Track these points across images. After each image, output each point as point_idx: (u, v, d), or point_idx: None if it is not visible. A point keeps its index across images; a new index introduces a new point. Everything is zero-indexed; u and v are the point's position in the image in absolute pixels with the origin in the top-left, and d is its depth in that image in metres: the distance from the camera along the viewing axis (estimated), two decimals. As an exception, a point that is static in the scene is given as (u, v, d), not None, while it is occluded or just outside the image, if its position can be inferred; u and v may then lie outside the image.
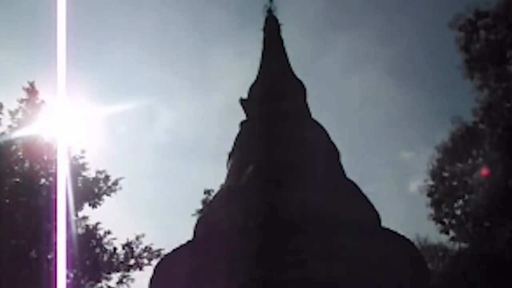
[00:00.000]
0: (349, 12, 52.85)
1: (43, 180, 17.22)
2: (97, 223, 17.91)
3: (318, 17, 51.46)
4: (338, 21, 52.34)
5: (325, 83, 50.20)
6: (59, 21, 11.25)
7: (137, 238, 18.05)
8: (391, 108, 53.22)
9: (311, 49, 49.40)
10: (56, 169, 17.05)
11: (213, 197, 20.14)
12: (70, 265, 15.68)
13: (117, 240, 18.00)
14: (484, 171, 18.80)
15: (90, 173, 18.13)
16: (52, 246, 16.40)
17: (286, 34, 21.73)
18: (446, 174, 20.47)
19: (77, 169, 17.69)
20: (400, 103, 53.93)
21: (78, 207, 17.48)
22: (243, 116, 19.44)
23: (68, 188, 15.72)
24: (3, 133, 17.23)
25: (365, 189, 16.63)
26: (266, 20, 21.97)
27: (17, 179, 16.89)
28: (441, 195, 20.25)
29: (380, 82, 53.75)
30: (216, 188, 22.36)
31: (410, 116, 54.08)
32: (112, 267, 17.66)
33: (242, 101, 19.52)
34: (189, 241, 15.49)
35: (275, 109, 18.35)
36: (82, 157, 18.00)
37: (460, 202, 20.10)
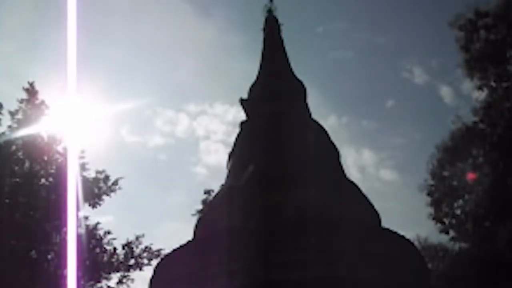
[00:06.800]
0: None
1: (43, 180, 17.21)
2: (97, 223, 17.93)
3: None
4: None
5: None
6: (69, 24, 11.24)
7: (137, 238, 18.05)
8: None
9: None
10: (56, 169, 17.08)
11: (213, 197, 20.14)
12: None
13: (117, 240, 18.02)
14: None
15: (90, 173, 18.15)
16: (52, 246, 16.43)
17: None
18: (446, 174, 20.45)
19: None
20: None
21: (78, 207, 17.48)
22: (243, 117, 19.44)
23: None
24: (3, 133, 17.22)
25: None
26: (266, 20, 21.95)
27: (17, 179, 16.88)
28: (441, 195, 20.23)
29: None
30: (216, 188, 22.38)
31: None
32: (112, 267, 17.66)
33: (242, 101, 19.51)
34: (189, 241, 15.49)
35: (275, 109, 18.33)
36: (82, 157, 18.01)
37: (460, 201, 20.08)
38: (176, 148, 55.00)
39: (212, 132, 60.03)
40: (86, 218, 17.89)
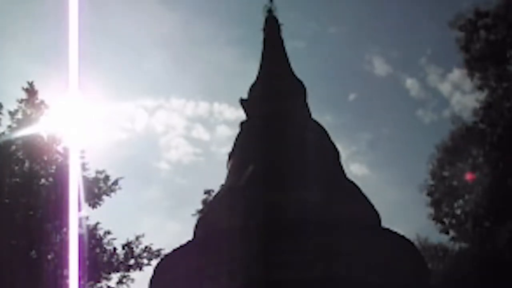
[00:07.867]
0: None
1: (43, 180, 17.21)
2: (97, 223, 17.93)
3: None
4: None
5: None
6: (71, 23, 11.19)
7: (137, 238, 18.05)
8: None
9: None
10: (56, 169, 17.08)
11: (213, 197, 20.16)
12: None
13: (117, 240, 18.02)
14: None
15: (90, 173, 18.14)
16: (52, 246, 16.42)
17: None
18: (446, 174, 20.46)
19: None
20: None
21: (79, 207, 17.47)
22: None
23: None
24: (2, 133, 17.22)
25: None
26: (266, 20, 21.96)
27: (17, 179, 16.88)
28: (441, 195, 20.24)
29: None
30: (216, 188, 22.38)
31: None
32: (112, 267, 17.66)
33: (242, 101, 19.53)
34: (189, 241, 15.50)
35: (275, 109, 18.34)
36: (82, 157, 18.01)
37: (460, 201, 20.09)
38: (136, 143, 53.68)
39: (171, 127, 59.39)
40: (86, 218, 17.91)
